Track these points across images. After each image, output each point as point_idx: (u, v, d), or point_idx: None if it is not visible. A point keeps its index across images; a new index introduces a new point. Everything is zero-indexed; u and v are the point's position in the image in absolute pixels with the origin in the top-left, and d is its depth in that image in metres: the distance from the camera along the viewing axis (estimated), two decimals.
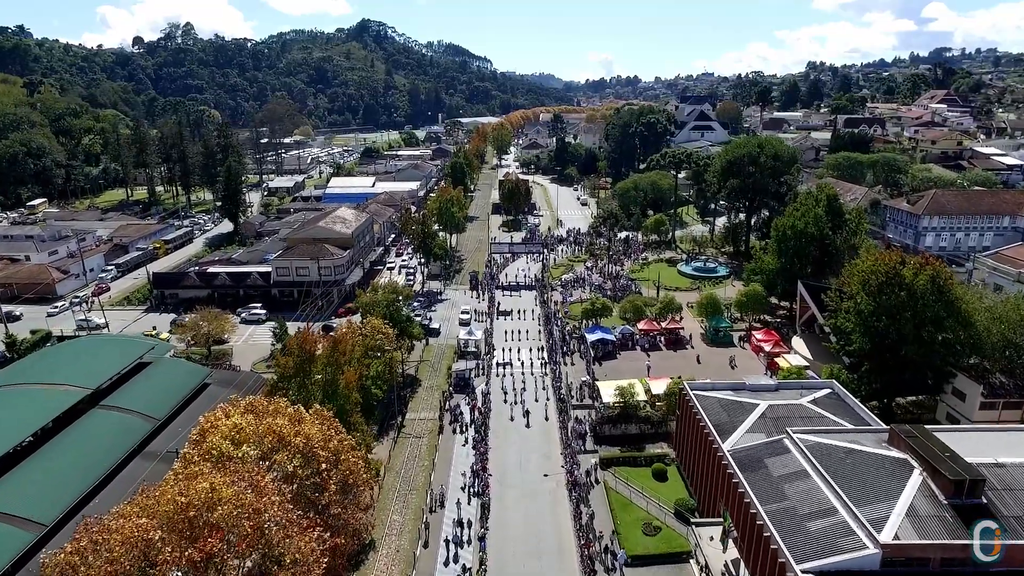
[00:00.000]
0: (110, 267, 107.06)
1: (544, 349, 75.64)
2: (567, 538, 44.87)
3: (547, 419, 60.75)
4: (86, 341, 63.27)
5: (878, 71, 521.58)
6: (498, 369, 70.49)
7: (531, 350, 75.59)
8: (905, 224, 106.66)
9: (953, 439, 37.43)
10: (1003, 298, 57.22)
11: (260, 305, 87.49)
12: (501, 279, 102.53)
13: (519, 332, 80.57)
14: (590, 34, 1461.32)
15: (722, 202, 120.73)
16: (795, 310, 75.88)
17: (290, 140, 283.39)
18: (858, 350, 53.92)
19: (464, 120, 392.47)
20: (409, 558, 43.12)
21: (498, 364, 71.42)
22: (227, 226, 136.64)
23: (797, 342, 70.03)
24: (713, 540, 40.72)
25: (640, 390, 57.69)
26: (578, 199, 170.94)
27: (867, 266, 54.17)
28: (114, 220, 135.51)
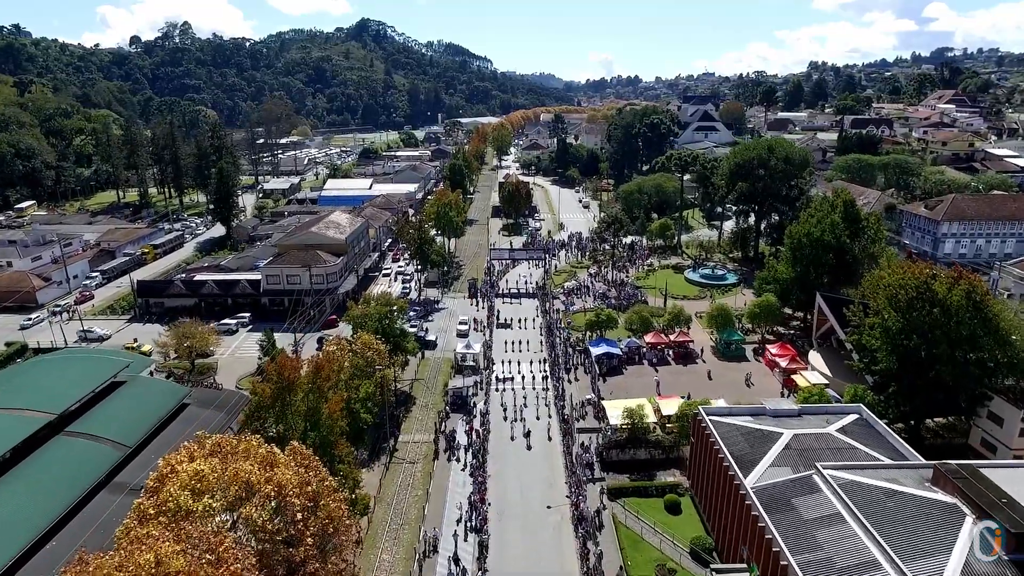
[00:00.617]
0: (95, 273, 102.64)
1: (546, 362, 71.79)
2: None
3: (550, 439, 56.95)
4: (58, 358, 59.29)
5: (880, 71, 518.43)
6: (497, 385, 66.62)
7: (532, 363, 71.69)
8: (923, 230, 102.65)
9: (1004, 478, 33.63)
10: None
11: (248, 316, 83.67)
12: (501, 286, 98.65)
13: (520, 343, 76.71)
14: (590, 34, 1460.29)
15: (730, 206, 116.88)
16: (811, 321, 72.04)
17: (287, 140, 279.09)
18: (885, 369, 50.07)
19: (464, 120, 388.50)
20: None
21: (497, 379, 67.54)
22: (219, 230, 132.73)
23: (814, 357, 66.05)
24: None
25: (649, 411, 53.77)
26: (580, 201, 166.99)
27: (894, 280, 50.19)
28: (103, 224, 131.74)
